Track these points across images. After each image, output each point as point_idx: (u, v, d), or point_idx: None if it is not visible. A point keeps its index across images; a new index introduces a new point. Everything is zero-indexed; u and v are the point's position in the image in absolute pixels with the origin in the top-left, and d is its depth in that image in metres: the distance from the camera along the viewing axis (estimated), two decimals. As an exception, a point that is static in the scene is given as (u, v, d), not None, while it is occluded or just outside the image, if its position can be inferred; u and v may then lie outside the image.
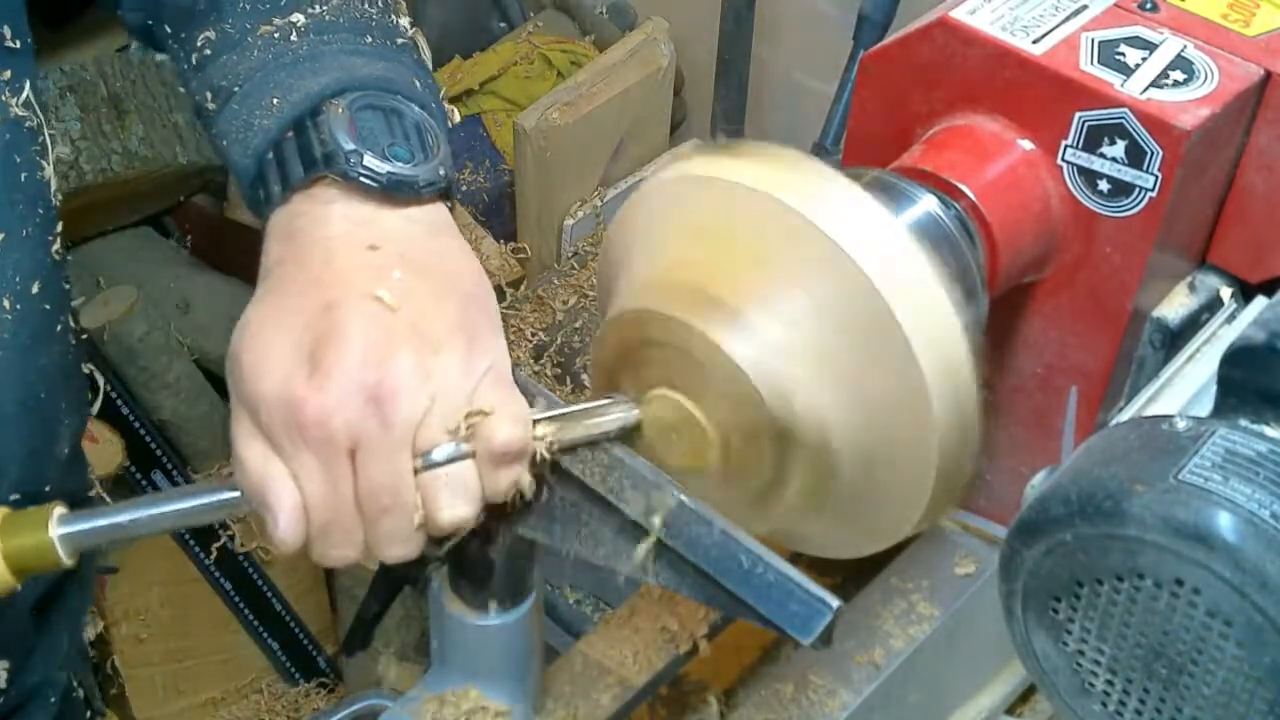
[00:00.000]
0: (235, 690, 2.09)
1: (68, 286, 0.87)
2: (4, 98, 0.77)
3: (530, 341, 2.01)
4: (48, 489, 0.86)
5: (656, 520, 0.69)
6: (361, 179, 0.69)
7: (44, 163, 0.81)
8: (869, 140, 0.96)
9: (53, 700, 0.98)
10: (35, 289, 0.81)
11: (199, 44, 0.77)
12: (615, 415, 0.72)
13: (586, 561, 0.72)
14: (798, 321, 0.70)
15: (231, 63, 0.75)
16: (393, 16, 0.80)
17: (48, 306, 0.83)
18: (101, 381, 0.93)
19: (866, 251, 0.69)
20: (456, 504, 0.67)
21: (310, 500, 0.65)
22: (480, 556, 0.74)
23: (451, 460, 0.66)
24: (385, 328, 0.65)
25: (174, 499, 0.69)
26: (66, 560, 0.68)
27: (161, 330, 1.88)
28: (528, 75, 2.27)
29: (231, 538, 1.94)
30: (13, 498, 0.82)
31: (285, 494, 0.65)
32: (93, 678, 1.16)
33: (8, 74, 0.77)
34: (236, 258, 2.04)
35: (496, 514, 0.70)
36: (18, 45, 0.78)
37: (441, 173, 0.71)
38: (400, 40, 0.78)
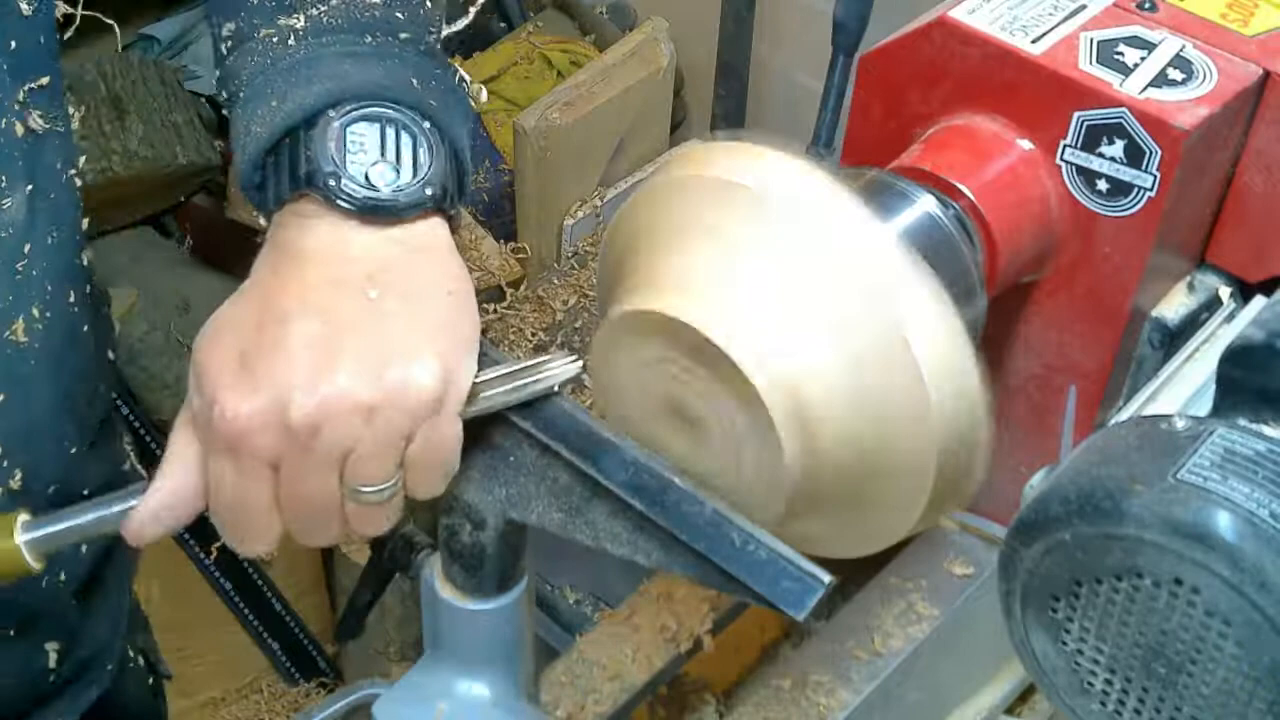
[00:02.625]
0: (235, 690, 2.09)
1: (88, 289, 0.87)
2: (28, 105, 0.77)
3: (530, 341, 2.01)
4: (85, 492, 0.87)
5: (647, 500, 0.69)
6: (338, 201, 0.69)
7: (69, 169, 0.82)
8: (868, 140, 0.96)
9: (109, 668, 0.99)
10: (64, 294, 0.82)
11: (224, 34, 0.77)
12: (556, 369, 0.72)
13: (581, 552, 0.72)
14: (801, 323, 0.71)
15: (237, 66, 0.76)
16: (400, 12, 0.78)
17: (76, 310, 0.84)
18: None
19: (872, 261, 0.69)
20: (380, 525, 0.69)
21: (218, 498, 0.66)
22: (472, 542, 0.74)
23: (378, 502, 0.67)
24: (331, 351, 0.64)
25: (139, 494, 0.69)
26: (35, 565, 0.70)
27: (161, 330, 1.88)
28: (528, 75, 2.27)
29: (232, 537, 1.93)
30: (50, 489, 0.84)
31: (171, 477, 0.67)
32: (154, 641, 1.17)
33: (45, 80, 0.78)
34: (236, 258, 2.03)
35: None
36: (51, 45, 0.79)
37: (428, 192, 0.70)
38: (404, 35, 0.77)
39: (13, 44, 0.76)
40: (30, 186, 0.77)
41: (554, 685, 0.88)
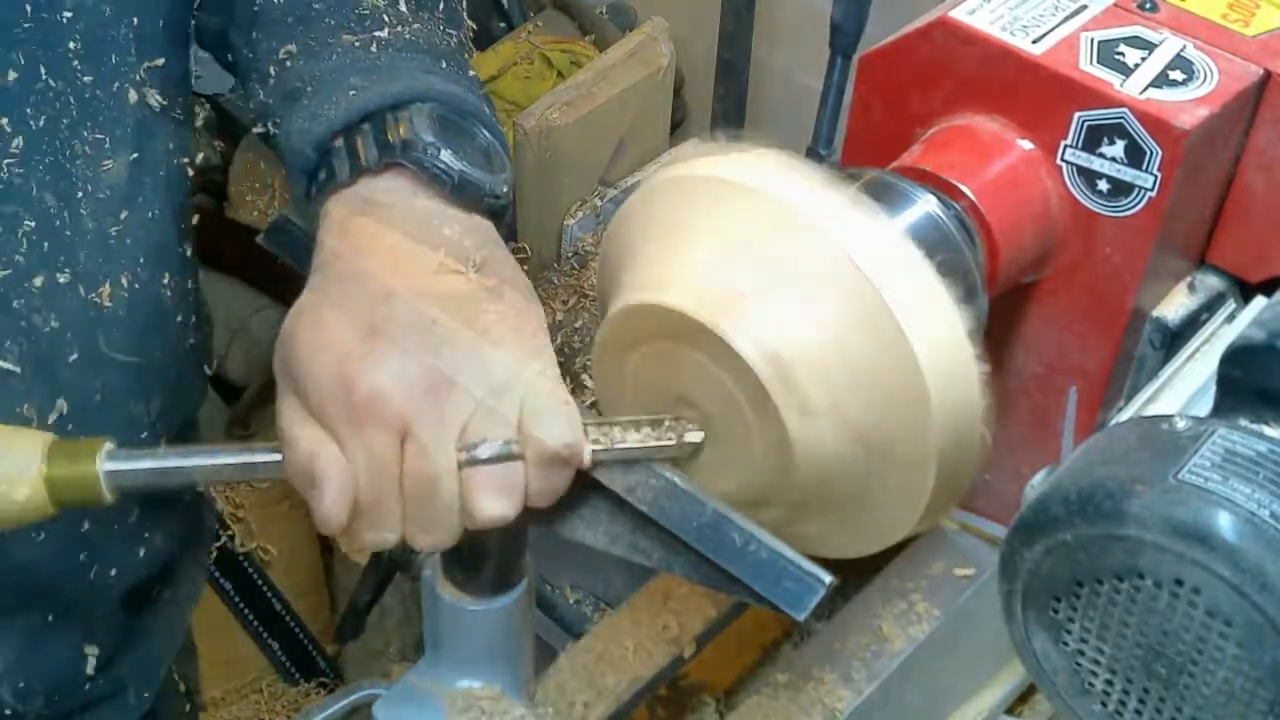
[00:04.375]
0: (235, 690, 2.09)
1: (190, 284, 0.89)
2: (147, 82, 0.80)
3: (530, 341, 2.01)
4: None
5: (647, 500, 0.69)
6: (436, 169, 0.70)
7: (182, 156, 0.84)
8: (869, 140, 0.97)
9: (146, 695, 0.98)
10: (158, 274, 0.83)
11: (280, 56, 0.79)
12: (672, 436, 0.72)
13: (581, 552, 0.72)
14: (801, 321, 0.71)
15: (307, 68, 0.77)
16: (466, 54, 0.83)
17: (169, 295, 0.85)
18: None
19: (870, 257, 0.69)
20: (497, 502, 0.67)
21: (358, 478, 0.66)
22: (473, 542, 0.74)
23: (498, 458, 0.66)
24: (444, 319, 0.66)
25: (224, 453, 0.69)
26: (108, 496, 0.68)
27: (161, 330, 1.88)
28: (528, 75, 2.27)
29: (232, 538, 1.93)
30: None
31: (334, 468, 0.65)
32: (197, 670, 1.16)
33: (160, 61, 0.80)
34: (236, 258, 2.04)
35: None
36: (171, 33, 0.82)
37: (505, 188, 0.73)
38: (471, 73, 0.81)
39: (135, 19, 0.78)
40: (135, 155, 0.80)
41: (554, 685, 0.88)
